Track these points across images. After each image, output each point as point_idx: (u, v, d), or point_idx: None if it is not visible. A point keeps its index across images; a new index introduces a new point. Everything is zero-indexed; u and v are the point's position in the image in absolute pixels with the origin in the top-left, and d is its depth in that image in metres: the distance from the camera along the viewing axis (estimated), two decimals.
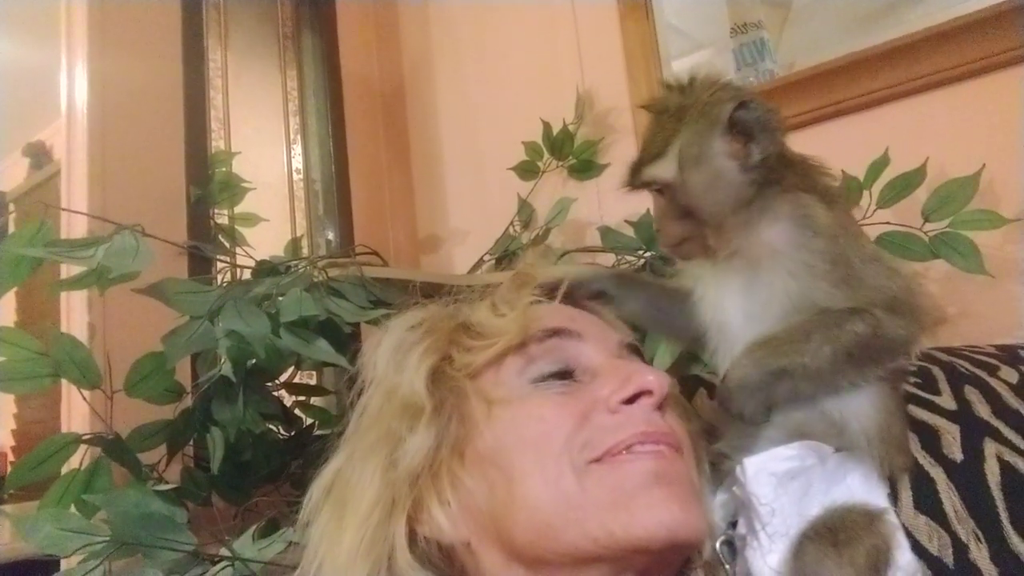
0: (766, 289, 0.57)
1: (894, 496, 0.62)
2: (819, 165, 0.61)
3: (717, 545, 0.57)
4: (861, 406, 0.56)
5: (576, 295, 0.64)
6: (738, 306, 0.58)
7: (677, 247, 0.61)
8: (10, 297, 1.87)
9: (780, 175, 0.57)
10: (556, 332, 0.57)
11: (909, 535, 0.60)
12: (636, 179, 0.60)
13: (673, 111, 0.58)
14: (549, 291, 0.63)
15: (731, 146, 0.56)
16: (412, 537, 0.54)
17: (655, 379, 0.54)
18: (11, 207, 2.14)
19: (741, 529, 0.57)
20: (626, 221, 1.17)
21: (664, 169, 0.58)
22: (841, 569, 0.50)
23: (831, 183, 0.60)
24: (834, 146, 1.15)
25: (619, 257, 1.15)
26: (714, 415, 0.63)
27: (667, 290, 0.67)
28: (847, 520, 0.52)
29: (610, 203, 1.35)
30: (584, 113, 1.42)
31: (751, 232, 0.57)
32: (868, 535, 0.51)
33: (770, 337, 0.55)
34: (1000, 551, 0.59)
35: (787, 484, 0.54)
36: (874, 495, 0.56)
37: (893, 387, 0.57)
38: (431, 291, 0.69)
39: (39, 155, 2.15)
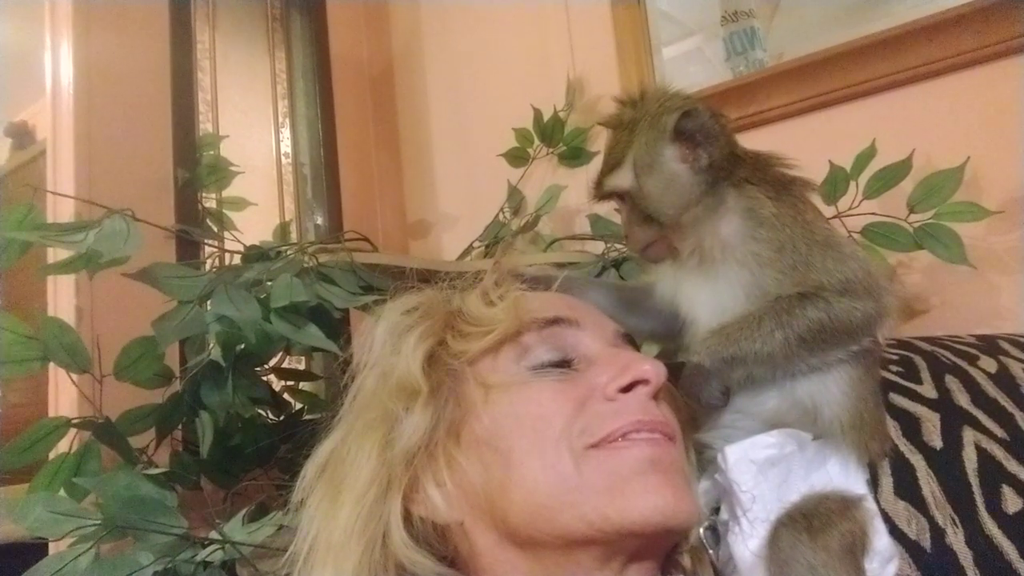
0: (724, 282, 0.59)
1: (874, 482, 0.64)
2: (773, 158, 0.63)
3: (701, 531, 0.59)
4: (832, 393, 0.57)
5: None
6: (704, 301, 0.61)
7: (644, 251, 0.64)
8: None
9: (731, 172, 0.60)
10: (555, 321, 0.58)
11: (888, 520, 0.62)
12: (599, 190, 0.64)
13: (627, 124, 0.62)
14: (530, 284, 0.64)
15: (680, 152, 0.60)
16: (407, 517, 0.54)
17: (651, 368, 0.55)
18: None
19: (723, 515, 0.58)
20: (615, 209, 1.18)
21: (622, 178, 0.61)
22: (815, 554, 0.51)
23: (785, 173, 0.62)
24: (822, 136, 1.17)
25: (608, 245, 1.15)
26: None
27: (621, 289, 0.71)
28: (822, 507, 0.54)
29: None
30: (575, 100, 1.42)
31: (706, 229, 0.59)
32: (843, 521, 0.53)
33: (723, 325, 0.57)
34: (975, 535, 0.61)
35: (767, 471, 0.56)
36: (852, 482, 0.57)
37: (866, 372, 0.58)
38: (426, 276, 0.69)
39: (22, 135, 2.12)
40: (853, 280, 0.56)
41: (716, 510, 0.60)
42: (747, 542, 0.54)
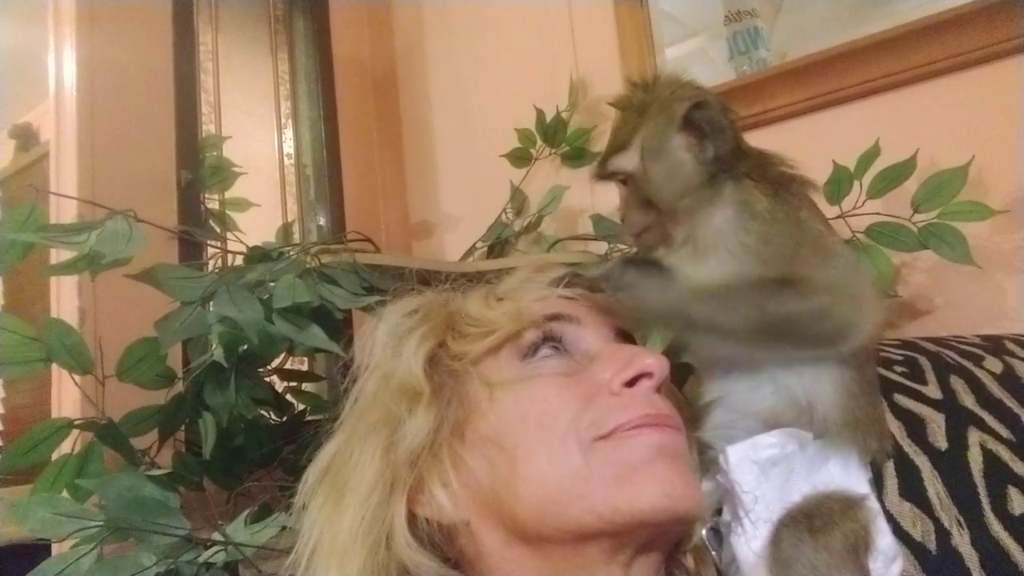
0: (716, 272, 0.59)
1: (879, 483, 0.64)
2: (775, 157, 0.63)
3: (703, 532, 0.58)
4: (824, 390, 0.57)
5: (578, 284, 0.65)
6: None
7: (639, 236, 0.64)
8: None
9: (733, 166, 0.60)
10: (554, 317, 0.58)
11: (894, 521, 0.61)
12: (603, 170, 0.64)
13: (636, 107, 0.62)
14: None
15: (687, 141, 0.60)
16: (412, 519, 0.54)
17: (655, 362, 0.54)
18: None
19: (726, 516, 0.58)
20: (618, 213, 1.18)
21: (627, 160, 0.62)
22: (817, 554, 0.51)
23: (785, 172, 0.62)
24: (825, 136, 1.16)
25: (611, 245, 1.15)
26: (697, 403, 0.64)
27: None
28: (824, 507, 0.53)
29: (603, 191, 1.34)
30: (577, 100, 1.42)
31: (702, 219, 0.60)
32: (845, 521, 0.53)
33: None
34: (981, 537, 0.61)
35: (769, 471, 0.55)
36: (854, 481, 0.57)
37: (858, 370, 0.58)
38: (426, 278, 0.69)
39: (26, 137, 2.12)
40: (837, 283, 0.56)
41: (718, 511, 0.60)
42: (750, 543, 0.54)
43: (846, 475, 0.57)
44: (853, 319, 0.55)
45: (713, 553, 0.59)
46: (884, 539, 0.55)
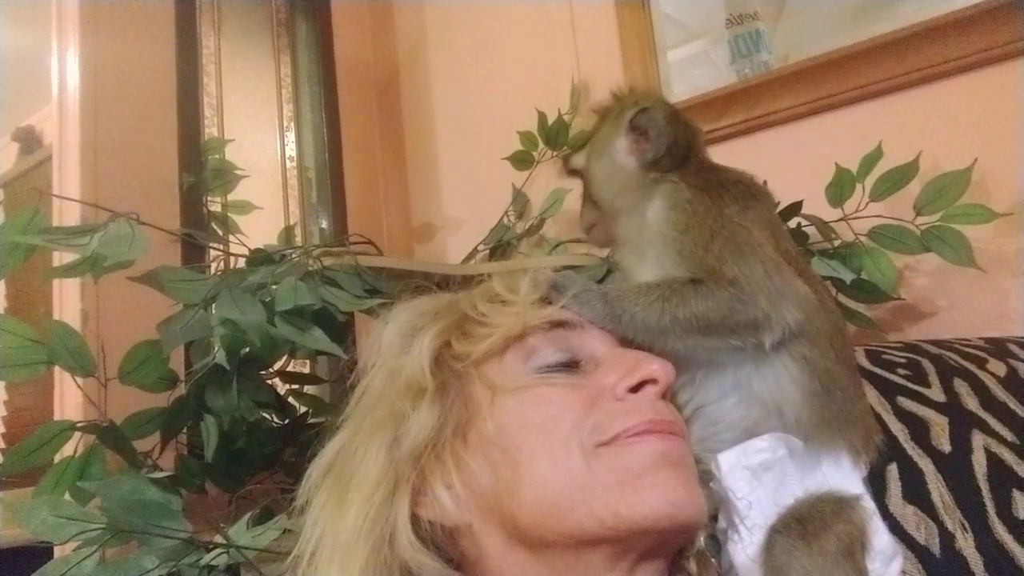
0: (646, 265, 0.62)
1: (883, 486, 0.63)
2: (727, 167, 0.65)
3: (702, 539, 0.58)
4: (787, 391, 0.57)
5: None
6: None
7: (589, 231, 0.70)
8: None
9: (673, 171, 0.63)
10: (560, 324, 0.58)
11: (897, 525, 0.61)
12: (565, 166, 0.72)
13: (604, 113, 0.69)
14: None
15: (632, 144, 0.65)
16: (415, 520, 0.54)
17: (660, 368, 0.54)
18: (0, 192, 2.12)
19: (721, 524, 0.58)
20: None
21: (579, 159, 0.69)
22: (811, 559, 0.50)
23: (729, 176, 0.63)
24: (828, 139, 1.16)
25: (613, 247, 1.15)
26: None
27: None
28: (816, 510, 0.53)
29: None
30: (579, 103, 1.42)
31: (640, 217, 0.63)
32: (838, 523, 0.52)
33: (617, 287, 0.61)
34: (985, 540, 0.61)
35: (761, 476, 0.55)
36: (848, 481, 0.57)
37: (823, 367, 0.58)
38: (446, 282, 0.70)
39: (29, 140, 2.13)
40: (748, 277, 0.56)
41: (714, 518, 0.59)
42: (747, 549, 0.54)
43: (839, 476, 0.57)
44: (766, 311, 0.56)
45: (713, 560, 0.59)
46: (881, 538, 0.54)
